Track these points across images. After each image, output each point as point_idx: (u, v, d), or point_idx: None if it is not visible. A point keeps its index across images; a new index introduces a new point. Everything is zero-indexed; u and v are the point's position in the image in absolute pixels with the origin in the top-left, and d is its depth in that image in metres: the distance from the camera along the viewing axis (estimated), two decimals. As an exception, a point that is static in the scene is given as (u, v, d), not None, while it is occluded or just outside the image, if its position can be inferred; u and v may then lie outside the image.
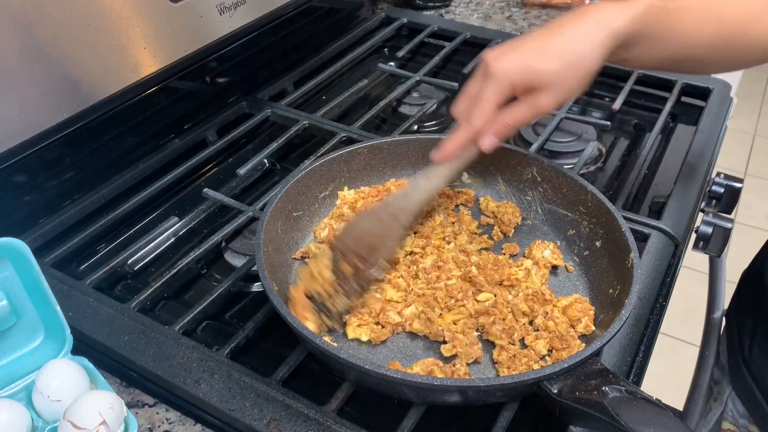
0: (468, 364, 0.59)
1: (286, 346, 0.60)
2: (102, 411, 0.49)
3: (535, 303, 0.63)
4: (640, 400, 0.48)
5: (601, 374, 0.52)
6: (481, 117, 0.62)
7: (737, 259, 2.19)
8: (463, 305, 0.63)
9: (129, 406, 0.57)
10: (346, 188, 0.76)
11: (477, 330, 0.62)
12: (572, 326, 0.62)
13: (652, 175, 0.86)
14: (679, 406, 0.78)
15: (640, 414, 0.47)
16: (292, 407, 0.54)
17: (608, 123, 0.92)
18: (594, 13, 0.60)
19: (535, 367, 0.58)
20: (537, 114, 0.62)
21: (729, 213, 0.90)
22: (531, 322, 0.63)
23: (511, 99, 0.62)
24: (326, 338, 0.59)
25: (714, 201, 0.90)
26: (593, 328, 0.61)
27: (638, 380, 0.60)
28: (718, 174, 0.91)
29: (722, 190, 0.89)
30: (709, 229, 0.84)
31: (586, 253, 0.70)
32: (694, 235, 0.85)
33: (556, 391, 0.51)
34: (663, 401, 0.59)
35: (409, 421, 0.54)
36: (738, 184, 0.89)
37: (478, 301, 0.64)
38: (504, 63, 0.59)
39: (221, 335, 0.65)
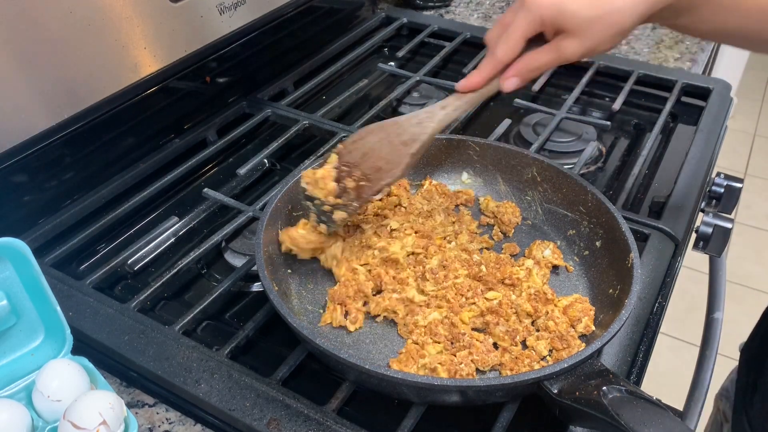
0: (485, 372, 0.59)
1: (286, 346, 0.60)
2: (102, 411, 0.49)
3: (537, 303, 0.63)
4: (640, 400, 0.48)
5: (601, 374, 0.52)
6: (506, 47, 0.61)
7: (737, 259, 2.20)
8: (474, 303, 0.63)
9: (129, 406, 0.57)
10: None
11: (481, 329, 0.62)
12: (572, 326, 0.62)
13: (652, 175, 0.86)
14: (679, 406, 0.77)
15: (640, 414, 0.47)
16: (292, 407, 0.54)
17: (608, 123, 0.92)
18: None
19: (536, 367, 0.58)
20: (560, 59, 0.60)
21: (729, 213, 0.89)
22: (533, 323, 0.63)
23: (543, 43, 0.61)
24: (322, 325, 0.61)
25: (714, 201, 0.90)
26: (593, 328, 0.61)
27: (638, 380, 0.60)
28: (718, 174, 0.91)
29: (722, 190, 0.89)
30: (709, 229, 0.84)
31: (586, 253, 0.70)
32: (694, 235, 0.85)
33: (556, 391, 0.51)
34: (663, 401, 0.59)
35: (409, 421, 0.54)
36: (738, 184, 0.89)
37: (487, 299, 0.64)
38: None
39: (221, 335, 0.65)
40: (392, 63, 1.13)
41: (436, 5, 1.30)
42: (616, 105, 0.96)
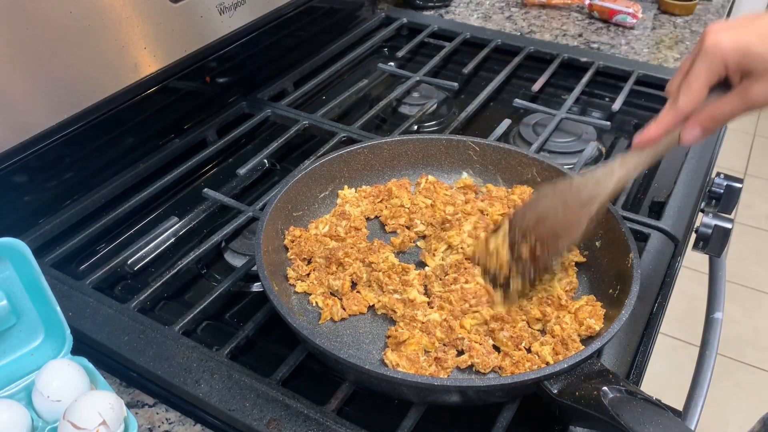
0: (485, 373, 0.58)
1: (286, 346, 0.60)
2: (102, 411, 0.49)
3: (548, 307, 0.63)
4: (639, 400, 0.48)
5: (600, 374, 0.52)
6: (687, 97, 0.55)
7: (737, 259, 2.20)
8: (477, 311, 0.63)
9: (129, 406, 0.57)
10: (346, 187, 0.76)
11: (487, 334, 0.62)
12: (579, 326, 0.61)
13: (652, 175, 0.86)
14: (679, 406, 0.77)
15: (639, 414, 0.47)
16: (292, 407, 0.54)
17: (608, 123, 0.92)
18: None
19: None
20: (748, 106, 0.54)
21: (729, 213, 0.89)
22: (543, 329, 0.63)
23: (728, 87, 0.55)
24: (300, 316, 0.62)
25: (714, 201, 0.90)
26: (598, 328, 0.61)
27: (638, 380, 0.60)
28: (718, 174, 0.91)
29: (722, 190, 0.89)
30: (709, 229, 0.84)
31: (586, 253, 0.69)
32: (694, 235, 0.85)
33: (556, 391, 0.51)
34: (663, 401, 0.59)
35: (409, 421, 0.54)
36: (738, 184, 0.89)
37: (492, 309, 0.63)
38: (720, 38, 0.52)
39: (221, 335, 0.65)
40: (392, 63, 1.12)
41: (436, 5, 1.30)
42: (616, 105, 0.96)
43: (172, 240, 0.76)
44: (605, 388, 0.49)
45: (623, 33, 1.21)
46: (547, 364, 0.59)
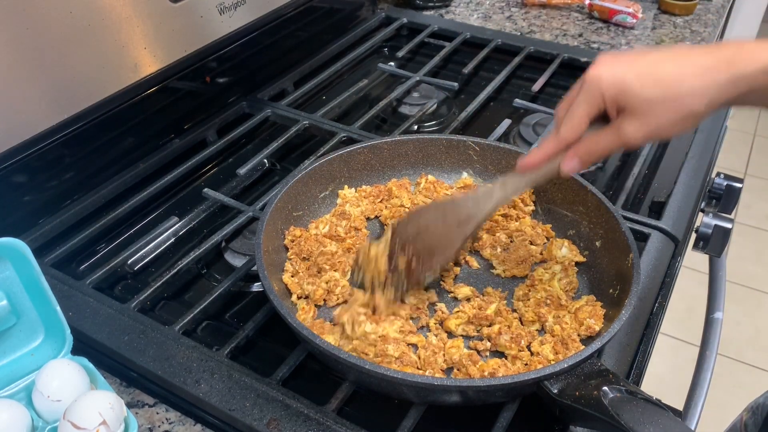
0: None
1: (286, 346, 0.60)
2: (102, 411, 0.49)
3: (545, 307, 0.63)
4: (639, 400, 0.48)
5: (601, 374, 0.52)
6: (568, 127, 0.56)
7: (737, 259, 2.20)
8: (460, 309, 0.63)
9: (129, 406, 0.57)
10: (346, 187, 0.76)
11: (480, 338, 0.62)
12: (579, 326, 0.62)
13: (652, 175, 0.86)
14: (679, 406, 0.77)
15: (640, 414, 0.47)
16: (292, 407, 0.54)
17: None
18: (728, 48, 0.51)
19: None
20: (621, 143, 0.55)
21: (729, 213, 0.89)
22: (541, 329, 0.63)
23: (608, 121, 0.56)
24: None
25: (714, 201, 0.90)
26: (598, 328, 0.61)
27: (638, 380, 0.60)
28: (718, 174, 0.91)
29: (722, 190, 0.89)
30: (709, 229, 0.84)
31: (586, 253, 0.69)
32: (694, 235, 0.85)
33: (556, 391, 0.51)
34: (663, 401, 0.59)
35: (409, 421, 0.54)
36: (738, 184, 0.89)
37: (474, 307, 0.64)
38: (601, 71, 0.54)
39: (221, 335, 0.65)
40: (392, 63, 1.12)
41: (436, 5, 1.30)
42: (616, 105, 0.95)
43: (172, 240, 0.76)
44: (605, 387, 0.49)
45: (623, 33, 1.21)
46: (550, 362, 0.59)
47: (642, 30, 1.22)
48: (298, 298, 0.65)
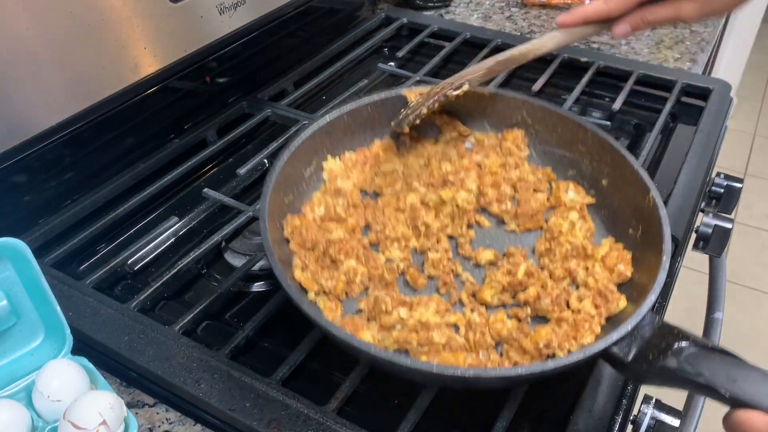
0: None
1: (286, 346, 0.60)
2: (102, 411, 0.49)
3: (573, 260, 0.61)
4: (717, 354, 0.46)
5: (664, 329, 0.49)
6: (618, 3, 0.63)
7: (737, 260, 2.20)
8: (492, 278, 0.61)
9: (129, 406, 0.57)
10: (329, 157, 0.71)
11: (518, 305, 0.60)
12: (610, 274, 0.60)
13: (652, 175, 0.86)
14: (680, 405, 0.77)
15: (721, 369, 0.45)
16: (292, 407, 0.54)
17: (608, 123, 0.92)
18: None
19: (597, 329, 0.56)
20: (677, 18, 0.61)
21: (729, 213, 0.89)
22: (572, 282, 0.61)
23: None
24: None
25: (714, 201, 0.90)
26: (629, 274, 0.59)
27: (638, 380, 0.60)
28: (718, 174, 0.91)
29: (722, 190, 0.89)
30: (709, 229, 0.84)
31: (593, 192, 0.68)
32: (694, 235, 0.85)
33: (629, 359, 0.49)
34: (663, 401, 0.59)
35: (409, 421, 0.54)
36: (738, 184, 0.89)
37: (509, 272, 0.61)
38: None
39: (221, 335, 0.65)
40: (392, 63, 1.12)
41: (436, 5, 1.30)
42: (616, 105, 0.95)
43: (172, 240, 0.76)
44: (678, 344, 0.47)
45: (623, 33, 1.21)
46: (592, 317, 0.57)
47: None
48: (316, 294, 0.62)
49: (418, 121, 0.70)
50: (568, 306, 0.59)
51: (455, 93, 0.69)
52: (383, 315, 0.58)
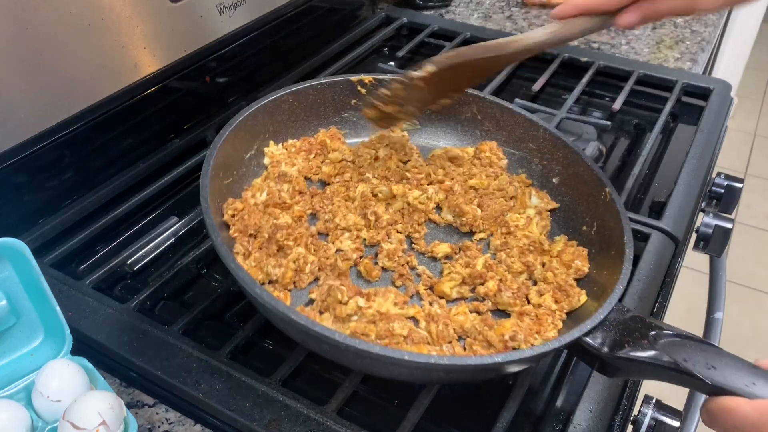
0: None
1: (286, 347, 0.60)
2: (102, 411, 0.49)
3: (530, 255, 0.60)
4: (693, 341, 0.46)
5: (635, 320, 0.49)
6: None
7: (737, 259, 2.20)
8: (451, 271, 0.60)
9: (129, 406, 0.57)
10: (272, 143, 0.69)
11: (477, 299, 0.59)
12: (567, 269, 0.60)
13: (653, 175, 0.86)
14: (679, 406, 0.77)
15: (699, 356, 0.44)
16: (292, 407, 0.54)
17: (608, 123, 0.92)
18: None
19: (559, 324, 0.55)
20: (694, 8, 0.54)
21: (729, 213, 0.89)
22: (530, 277, 0.61)
23: None
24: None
25: (714, 201, 0.90)
26: (586, 269, 0.59)
27: (638, 381, 0.60)
28: (719, 174, 0.91)
29: (722, 190, 0.89)
30: (710, 229, 0.84)
31: (544, 191, 0.68)
32: (694, 235, 0.85)
33: (606, 349, 0.48)
34: (663, 401, 0.59)
35: (409, 421, 0.54)
36: (738, 184, 0.89)
37: (467, 264, 0.60)
38: None
39: (221, 335, 0.65)
40: (392, 63, 1.12)
41: (436, 5, 1.30)
42: (617, 105, 0.95)
43: (172, 240, 0.76)
44: (652, 333, 0.47)
45: (623, 33, 1.21)
46: (554, 312, 0.56)
47: (642, 30, 1.22)
48: (262, 284, 0.58)
49: (379, 104, 0.64)
50: (528, 301, 0.59)
51: (418, 74, 0.62)
52: (338, 305, 0.55)
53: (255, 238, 0.61)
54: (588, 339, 0.49)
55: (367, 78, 0.73)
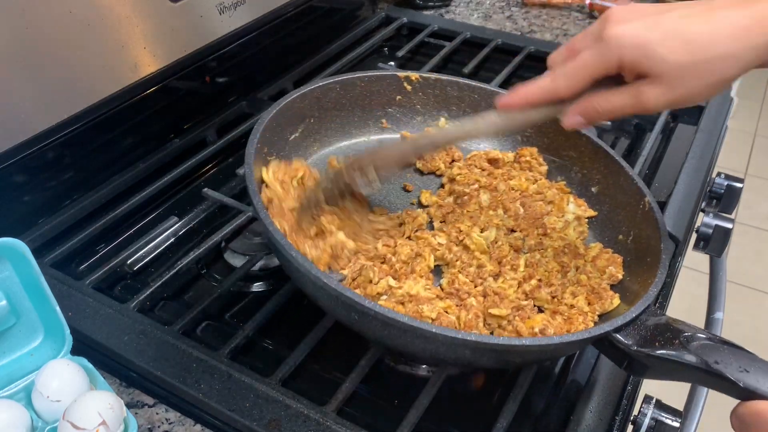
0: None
1: (286, 346, 0.60)
2: (101, 411, 0.49)
3: (564, 257, 0.61)
4: (725, 346, 0.46)
5: (668, 323, 0.49)
6: (568, 83, 0.51)
7: (738, 260, 2.20)
8: (508, 275, 0.60)
9: (129, 406, 0.57)
10: (273, 163, 0.65)
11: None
12: (601, 275, 0.60)
13: (653, 175, 0.86)
14: (680, 406, 0.77)
15: (731, 359, 0.45)
16: (292, 407, 0.54)
17: (608, 123, 0.92)
18: (764, 5, 0.46)
19: (590, 324, 0.56)
20: (639, 107, 0.50)
21: (729, 213, 0.89)
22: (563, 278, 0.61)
23: (616, 81, 0.51)
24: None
25: (714, 201, 0.90)
26: (620, 276, 0.59)
27: (638, 380, 0.60)
28: (719, 174, 0.91)
29: (723, 190, 0.89)
30: (710, 229, 0.84)
31: (582, 199, 0.68)
32: (694, 235, 0.85)
33: (634, 347, 0.48)
34: (663, 401, 0.59)
35: (409, 421, 0.54)
36: (738, 184, 0.89)
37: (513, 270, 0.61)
38: (621, 31, 0.48)
39: (221, 335, 0.65)
40: (392, 63, 1.12)
41: (436, 5, 1.30)
42: (617, 105, 0.95)
43: (172, 240, 0.76)
44: (686, 335, 0.47)
45: (623, 33, 1.21)
46: (586, 314, 0.56)
47: (642, 30, 1.22)
48: None
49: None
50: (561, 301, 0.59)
51: (364, 190, 0.60)
52: (368, 284, 0.56)
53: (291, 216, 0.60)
54: (618, 335, 0.49)
55: (413, 75, 0.75)
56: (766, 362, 0.45)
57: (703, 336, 0.47)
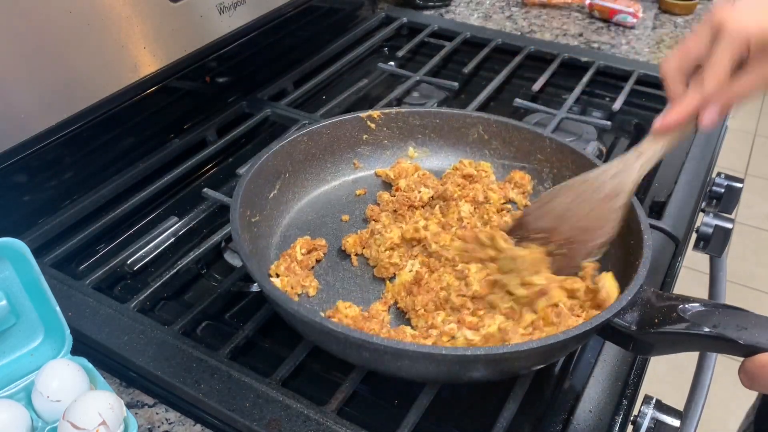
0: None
1: (286, 346, 0.60)
2: (102, 411, 0.49)
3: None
4: (721, 308, 0.47)
5: (661, 298, 0.51)
6: (714, 81, 0.54)
7: (737, 259, 2.19)
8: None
9: (129, 406, 0.57)
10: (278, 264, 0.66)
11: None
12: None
13: (653, 175, 0.85)
14: (680, 406, 0.78)
15: (729, 320, 0.46)
16: (292, 407, 0.54)
17: (608, 123, 0.92)
18: None
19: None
20: (765, 83, 0.53)
21: (729, 213, 0.89)
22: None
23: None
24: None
25: (714, 201, 0.90)
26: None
27: (638, 380, 0.60)
28: (719, 174, 0.91)
29: (723, 190, 0.89)
30: (710, 229, 0.84)
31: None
32: (694, 235, 0.85)
33: (635, 327, 0.49)
34: (663, 401, 0.59)
35: (409, 421, 0.54)
36: (738, 184, 0.89)
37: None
38: (745, 20, 0.52)
39: (221, 335, 0.65)
40: (392, 63, 1.12)
41: (436, 5, 1.30)
42: (617, 105, 0.95)
43: (172, 240, 0.76)
44: (681, 306, 0.48)
45: (624, 33, 1.21)
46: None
47: (642, 30, 1.22)
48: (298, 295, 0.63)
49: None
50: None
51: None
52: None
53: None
54: (618, 320, 0.50)
55: (375, 113, 0.76)
56: (761, 316, 0.47)
57: (697, 304, 0.49)
